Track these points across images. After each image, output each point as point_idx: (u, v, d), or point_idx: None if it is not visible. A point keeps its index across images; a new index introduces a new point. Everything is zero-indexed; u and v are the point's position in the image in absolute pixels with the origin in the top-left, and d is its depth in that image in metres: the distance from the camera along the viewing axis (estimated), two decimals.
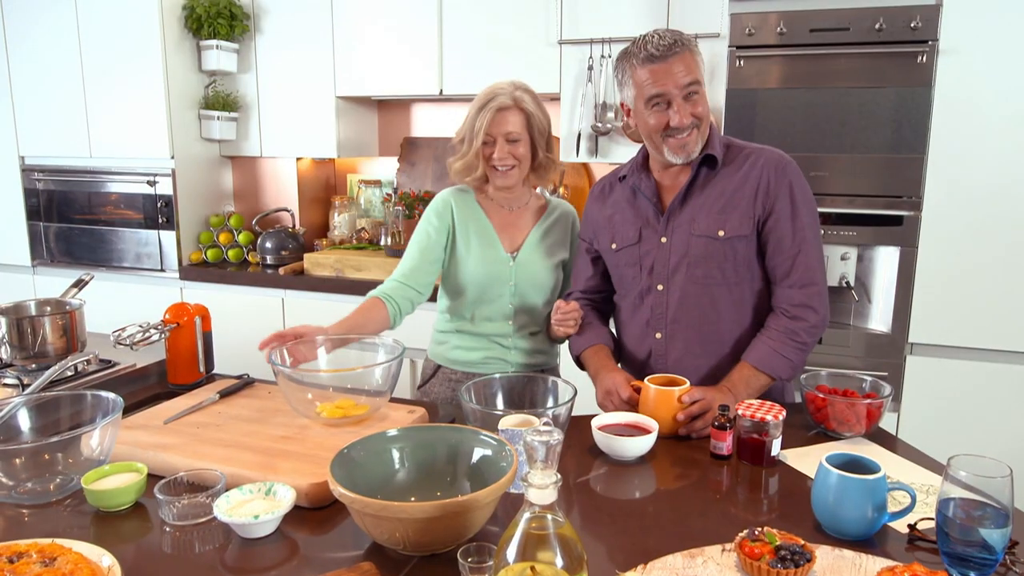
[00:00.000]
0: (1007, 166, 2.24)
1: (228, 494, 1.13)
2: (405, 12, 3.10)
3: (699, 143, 1.57)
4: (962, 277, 2.33)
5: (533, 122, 1.77)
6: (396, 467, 1.14)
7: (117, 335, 1.55)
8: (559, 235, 1.90)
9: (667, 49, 1.50)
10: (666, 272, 1.62)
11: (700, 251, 1.58)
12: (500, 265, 1.84)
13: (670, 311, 1.63)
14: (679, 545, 1.08)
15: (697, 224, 1.59)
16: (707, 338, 1.63)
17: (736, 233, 1.56)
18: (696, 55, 1.54)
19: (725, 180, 1.60)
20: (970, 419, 2.37)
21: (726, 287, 1.60)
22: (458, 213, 1.87)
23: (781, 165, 1.58)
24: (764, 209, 1.57)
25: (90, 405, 1.29)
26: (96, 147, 3.45)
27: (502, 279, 1.84)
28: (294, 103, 3.37)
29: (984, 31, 2.19)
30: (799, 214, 1.56)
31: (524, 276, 1.84)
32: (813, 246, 1.58)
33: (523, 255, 1.85)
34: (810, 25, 2.33)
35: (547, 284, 1.87)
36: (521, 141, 1.76)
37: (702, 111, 1.54)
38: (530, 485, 0.85)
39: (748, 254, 1.58)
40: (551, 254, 1.87)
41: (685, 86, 1.51)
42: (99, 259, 3.58)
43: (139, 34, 3.24)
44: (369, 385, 1.43)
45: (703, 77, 1.54)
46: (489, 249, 1.84)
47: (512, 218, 1.89)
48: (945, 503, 1.02)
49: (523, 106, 1.75)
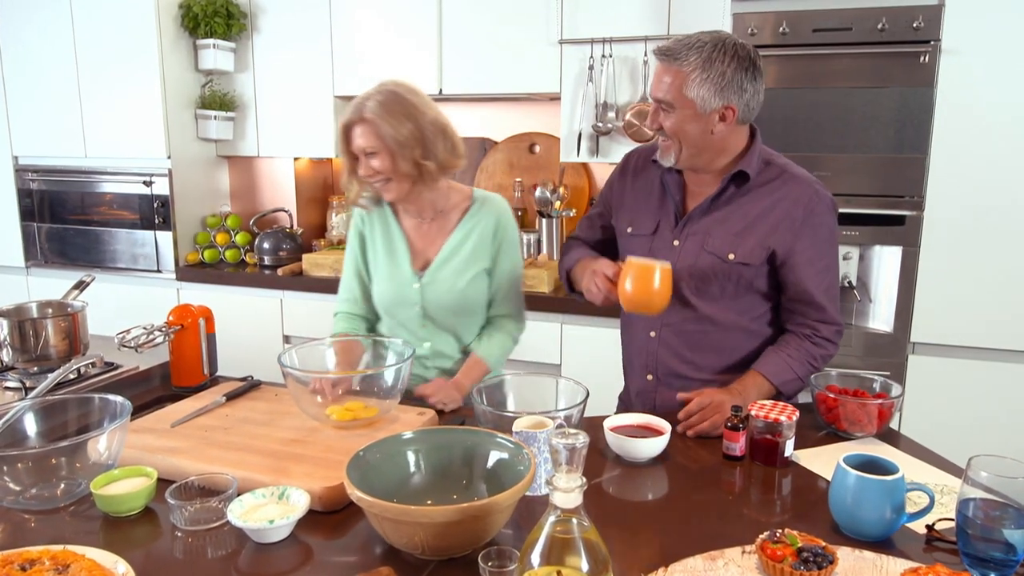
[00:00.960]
0: (1009, 166, 2.25)
1: (241, 498, 1.12)
2: (404, 11, 3.08)
3: (672, 157, 1.52)
4: (964, 277, 2.34)
5: (383, 132, 1.56)
6: (412, 470, 1.13)
7: (121, 337, 1.53)
8: (477, 241, 1.71)
9: (662, 53, 1.47)
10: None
11: (706, 266, 1.56)
12: (404, 286, 1.70)
13: (665, 313, 1.60)
14: (697, 547, 1.07)
15: (711, 240, 1.56)
16: (699, 345, 1.62)
17: (745, 260, 1.54)
18: (685, 73, 1.43)
19: (752, 203, 1.55)
20: (973, 418, 2.37)
21: (723, 303, 1.59)
22: (369, 227, 1.75)
23: (814, 204, 1.53)
24: (784, 246, 1.53)
25: (97, 409, 1.27)
26: (91, 147, 3.41)
27: (408, 301, 1.71)
28: (292, 103, 3.35)
29: (986, 31, 2.20)
30: (824, 256, 1.55)
31: (432, 297, 1.70)
32: (832, 289, 1.58)
33: (431, 273, 1.70)
34: (813, 25, 2.33)
35: (461, 305, 1.72)
36: (379, 154, 1.59)
37: (669, 128, 1.49)
38: (555, 488, 0.85)
39: (752, 280, 1.57)
40: (465, 268, 1.70)
41: (654, 98, 1.50)
42: (94, 260, 3.54)
43: (135, 33, 3.21)
44: (379, 387, 1.42)
45: (687, 97, 1.44)
46: (394, 267, 1.71)
47: (428, 229, 1.73)
48: (965, 503, 1.02)
49: (366, 116, 1.57)
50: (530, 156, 3.35)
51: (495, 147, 3.40)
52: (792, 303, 1.59)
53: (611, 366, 1.89)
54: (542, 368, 2.83)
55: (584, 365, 2.71)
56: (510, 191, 3.34)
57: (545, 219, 3.06)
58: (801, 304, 1.58)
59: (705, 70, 1.43)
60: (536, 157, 3.34)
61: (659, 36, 2.73)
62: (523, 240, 3.08)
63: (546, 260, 3.01)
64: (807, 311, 1.58)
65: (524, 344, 2.84)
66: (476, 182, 3.42)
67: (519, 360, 2.85)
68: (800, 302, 1.57)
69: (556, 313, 2.82)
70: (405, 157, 1.59)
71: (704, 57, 1.43)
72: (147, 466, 1.22)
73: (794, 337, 1.59)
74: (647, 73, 2.78)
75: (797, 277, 1.55)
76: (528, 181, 3.31)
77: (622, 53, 2.81)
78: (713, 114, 1.46)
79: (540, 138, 3.32)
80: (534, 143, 3.33)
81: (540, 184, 3.15)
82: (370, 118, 1.56)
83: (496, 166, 3.39)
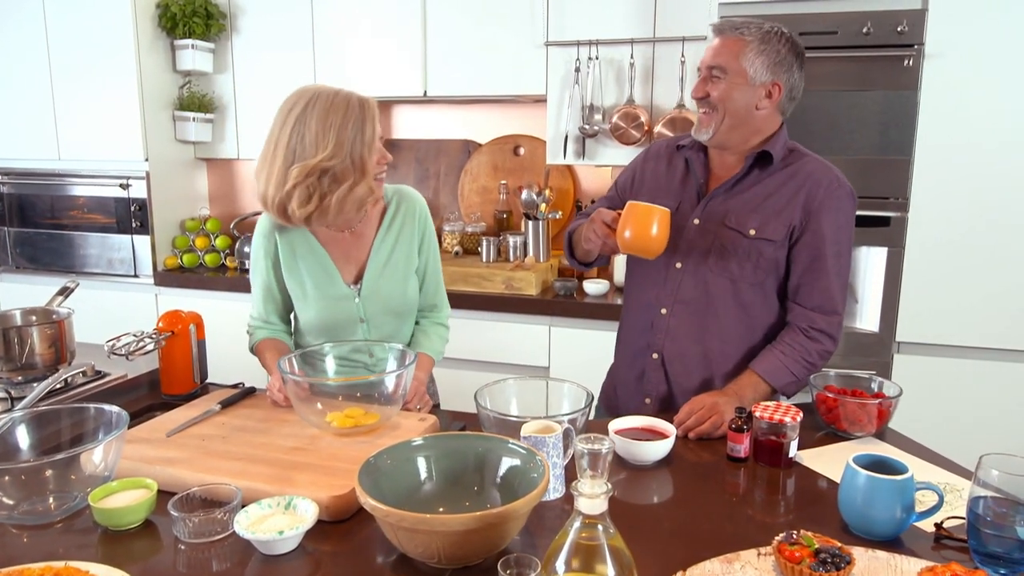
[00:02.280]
0: (992, 168, 2.29)
1: (247, 509, 1.09)
2: (388, 11, 3.05)
3: (711, 129, 1.56)
4: (948, 277, 2.38)
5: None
6: (423, 477, 1.12)
7: (112, 345, 1.49)
8: (407, 237, 1.66)
9: (722, 26, 1.53)
10: (688, 252, 1.62)
11: (728, 243, 1.58)
12: (343, 302, 1.61)
13: (680, 290, 1.63)
14: (710, 550, 1.07)
15: (731, 216, 1.58)
16: (707, 328, 1.63)
17: (766, 236, 1.56)
18: (745, 43, 1.50)
19: (774, 183, 1.58)
20: (957, 416, 2.41)
21: (740, 284, 1.59)
22: (283, 244, 1.62)
23: (834, 187, 1.55)
24: (802, 223, 1.55)
25: (92, 419, 1.24)
26: (65, 149, 3.33)
27: (349, 317, 1.63)
28: (273, 104, 3.25)
29: (969, 36, 2.24)
30: (837, 241, 1.56)
31: (374, 308, 1.63)
32: (842, 275, 1.59)
33: (368, 284, 1.62)
34: (799, 28, 2.34)
35: (402, 309, 1.67)
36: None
37: (716, 96, 1.53)
38: (580, 494, 0.84)
39: (772, 259, 1.58)
40: (402, 271, 1.65)
41: (709, 66, 1.53)
42: (67, 265, 3.45)
43: (111, 33, 3.14)
44: (380, 394, 1.40)
45: (742, 66, 1.50)
46: (327, 285, 1.61)
47: (349, 238, 1.63)
48: (976, 501, 1.03)
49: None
50: (514, 158, 3.34)
51: (479, 149, 3.38)
52: (796, 287, 1.59)
53: (600, 368, 1.89)
54: (530, 370, 2.82)
55: (572, 367, 2.70)
56: (495, 193, 3.33)
57: (531, 221, 3.05)
58: (807, 287, 1.57)
59: (763, 43, 1.51)
60: (520, 159, 3.33)
61: (645, 39, 2.74)
62: (509, 243, 3.07)
63: (533, 262, 3.01)
64: (811, 296, 1.57)
65: (512, 347, 2.86)
66: (460, 184, 3.40)
67: (506, 363, 2.84)
68: (807, 285, 1.57)
69: (544, 315, 2.82)
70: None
71: (764, 32, 1.52)
72: (145, 477, 1.19)
73: (789, 332, 1.60)
74: (633, 76, 2.78)
75: (807, 256, 1.56)
76: (513, 183, 3.30)
77: (608, 55, 2.81)
78: (761, 88, 1.53)
79: (524, 140, 3.31)
80: (518, 145, 3.33)
81: (525, 186, 3.14)
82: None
83: (480, 168, 3.37)
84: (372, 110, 1.50)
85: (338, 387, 1.43)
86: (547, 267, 3.01)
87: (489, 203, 3.36)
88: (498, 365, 2.84)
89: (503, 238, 3.11)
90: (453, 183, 3.42)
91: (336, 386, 1.45)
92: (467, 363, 2.83)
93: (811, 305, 1.58)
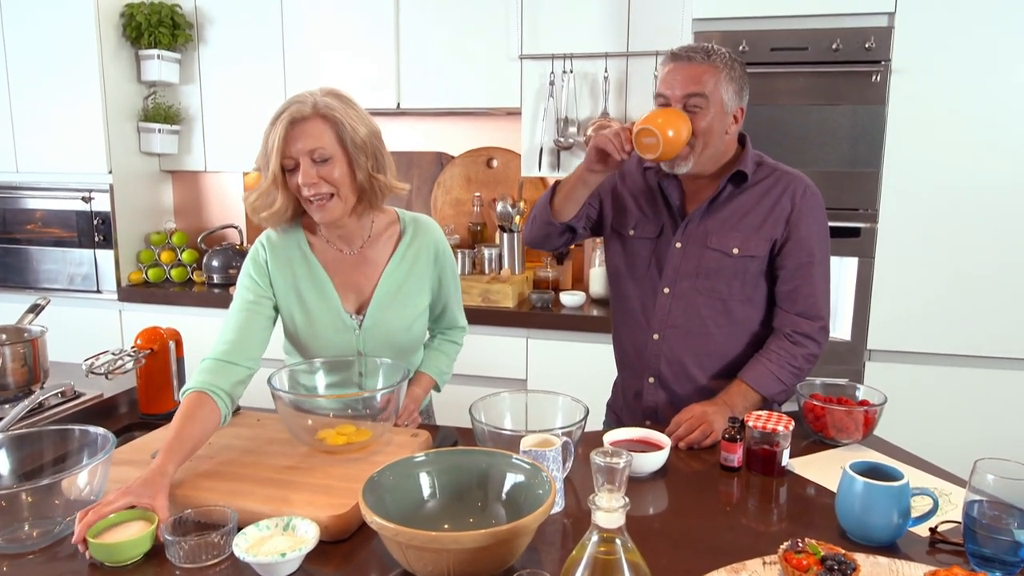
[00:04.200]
0: (957, 180, 2.37)
1: (244, 532, 1.06)
2: (361, 23, 3.03)
3: (691, 161, 1.54)
4: (916, 285, 2.44)
5: (345, 133, 1.36)
6: (426, 494, 1.10)
7: (90, 363, 1.44)
8: (420, 272, 1.53)
9: (687, 51, 1.50)
10: (675, 277, 1.63)
11: (712, 264, 1.59)
12: (340, 332, 1.49)
13: (671, 315, 1.64)
14: (715, 560, 1.07)
15: (713, 238, 1.59)
16: (701, 349, 1.64)
17: (750, 253, 1.58)
18: (718, 70, 1.49)
19: (750, 199, 1.60)
20: (927, 421, 2.47)
21: (730, 302, 1.61)
22: (276, 264, 1.47)
23: (808, 195, 1.58)
24: (783, 235, 1.57)
25: (76, 441, 1.19)
26: (24, 161, 3.22)
27: (345, 348, 1.50)
28: (241, 116, 3.25)
29: (933, 53, 2.32)
30: (816, 247, 1.59)
31: (376, 343, 1.50)
32: (824, 279, 1.61)
33: (372, 316, 1.49)
34: (771, 44, 2.41)
35: (405, 345, 1.55)
36: (333, 160, 1.36)
37: (700, 128, 1.51)
38: (598, 508, 0.83)
39: (757, 274, 1.60)
40: (410, 304, 1.52)
41: (683, 95, 1.49)
42: (25, 281, 3.34)
43: (73, 42, 3.06)
44: (372, 410, 1.37)
45: (720, 94, 1.49)
46: (325, 313, 1.48)
47: (355, 263, 1.51)
48: (971, 505, 1.05)
49: (328, 114, 1.35)
50: (487, 170, 3.34)
51: (452, 162, 3.38)
52: (781, 295, 1.61)
53: (577, 380, 1.89)
54: (509, 383, 2.81)
55: (550, 380, 2.70)
56: (469, 205, 3.32)
57: (506, 233, 3.05)
58: (791, 293, 1.60)
59: (731, 70, 1.51)
60: (494, 172, 3.33)
61: (619, 53, 2.77)
62: (484, 255, 3.07)
63: (509, 275, 3.00)
64: (795, 301, 1.60)
65: (489, 359, 2.84)
66: (433, 197, 3.39)
67: (484, 376, 2.83)
68: (791, 291, 1.60)
69: (521, 328, 2.81)
70: (361, 168, 1.38)
71: (728, 58, 1.51)
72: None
73: (774, 339, 1.62)
74: (607, 89, 2.81)
75: (790, 265, 1.58)
76: (486, 195, 3.30)
77: (582, 69, 2.84)
78: (730, 115, 1.53)
79: (498, 152, 3.32)
80: (491, 157, 3.33)
81: (500, 199, 3.14)
82: (328, 114, 1.34)
83: (453, 180, 3.37)
84: (283, 115, 1.36)
85: (329, 404, 1.40)
86: (523, 279, 3.02)
87: (463, 215, 3.35)
88: (476, 378, 2.82)
89: (478, 250, 3.10)
90: (426, 195, 3.41)
91: (327, 403, 1.42)
92: None
93: (795, 310, 1.60)
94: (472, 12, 2.91)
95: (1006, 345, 2.40)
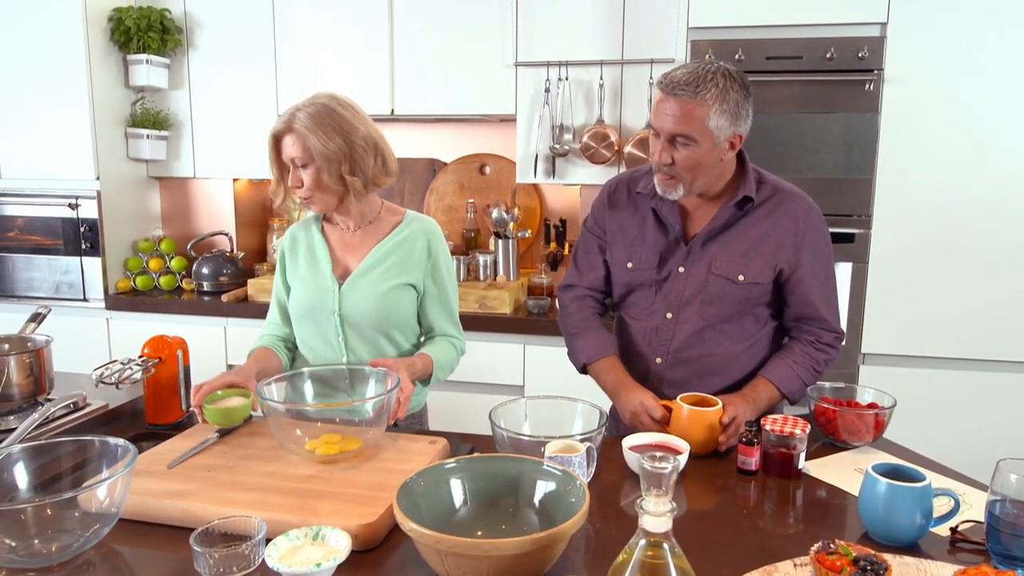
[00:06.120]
0: (948, 186, 2.42)
1: (275, 542, 1.05)
2: (354, 28, 3.02)
3: (680, 191, 1.53)
4: (909, 290, 2.49)
5: (310, 144, 1.56)
6: (459, 501, 1.09)
7: (100, 373, 1.41)
8: (403, 256, 1.69)
9: (675, 86, 1.44)
10: (679, 302, 1.62)
11: (717, 290, 1.58)
12: (323, 293, 1.67)
13: (675, 340, 1.63)
14: (744, 563, 1.08)
15: (718, 263, 1.58)
16: (705, 371, 1.64)
17: (755, 280, 1.58)
18: (707, 106, 1.43)
19: (753, 224, 1.58)
20: (921, 424, 2.52)
21: (734, 325, 1.62)
22: (291, 245, 1.77)
23: (809, 218, 1.58)
24: (789, 262, 1.57)
25: (95, 452, 1.16)
26: (7, 167, 3.16)
27: (326, 308, 1.67)
28: (232, 122, 3.21)
29: (925, 61, 2.37)
30: (824, 267, 1.61)
31: (351, 304, 1.66)
32: (835, 291, 1.64)
33: (352, 281, 1.68)
34: (766, 53, 2.44)
35: (382, 315, 1.67)
36: (309, 167, 1.59)
37: (681, 163, 1.48)
38: (645, 512, 0.84)
39: (762, 297, 1.61)
40: (387, 278, 1.67)
41: (671, 134, 1.47)
42: (8, 289, 3.26)
43: (60, 46, 3.01)
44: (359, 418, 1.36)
45: (710, 130, 1.44)
46: (315, 275, 1.70)
47: (353, 240, 1.73)
48: (994, 504, 1.08)
49: (295, 127, 1.56)
50: (480, 177, 3.34)
51: (445, 168, 3.37)
52: (797, 316, 1.63)
53: (575, 386, 1.88)
54: (506, 389, 2.80)
55: (548, 386, 2.70)
56: (462, 212, 3.32)
57: (501, 240, 3.05)
58: (806, 316, 1.62)
59: (723, 101, 1.44)
60: (487, 178, 3.33)
61: (614, 60, 2.80)
62: (479, 262, 3.07)
63: (504, 281, 3.00)
64: (811, 321, 1.62)
65: (487, 366, 2.84)
66: (426, 203, 3.38)
67: (482, 382, 2.83)
68: (805, 315, 1.62)
69: (518, 334, 2.82)
70: (331, 172, 1.60)
71: (721, 88, 1.43)
72: (152, 511, 1.14)
73: (798, 343, 1.64)
74: (602, 96, 2.83)
75: (803, 290, 1.59)
76: (479, 202, 3.30)
77: (578, 76, 2.86)
78: (726, 143, 1.49)
79: (490, 159, 3.32)
80: (484, 164, 3.33)
81: (494, 205, 3.14)
82: (299, 129, 1.57)
83: (447, 187, 3.36)
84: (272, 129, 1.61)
85: (317, 412, 1.39)
86: (518, 285, 3.02)
87: (456, 222, 3.34)
88: (474, 385, 2.82)
89: (473, 257, 3.10)
90: (419, 202, 3.40)
91: (315, 412, 1.41)
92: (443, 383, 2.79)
93: (816, 325, 1.62)
94: (467, 19, 2.92)
95: (998, 348, 2.46)
